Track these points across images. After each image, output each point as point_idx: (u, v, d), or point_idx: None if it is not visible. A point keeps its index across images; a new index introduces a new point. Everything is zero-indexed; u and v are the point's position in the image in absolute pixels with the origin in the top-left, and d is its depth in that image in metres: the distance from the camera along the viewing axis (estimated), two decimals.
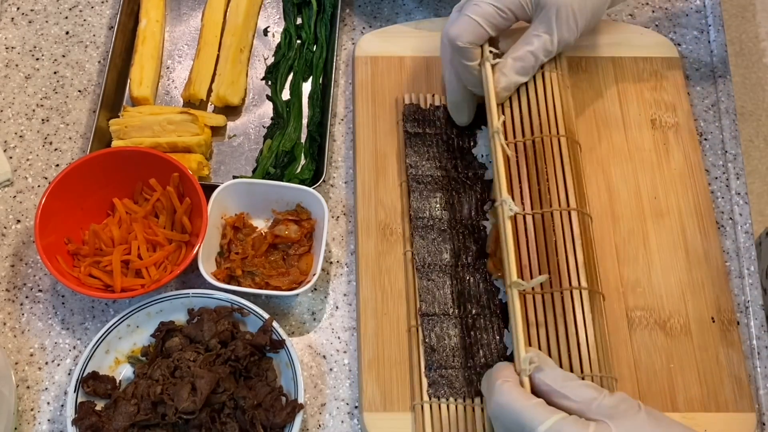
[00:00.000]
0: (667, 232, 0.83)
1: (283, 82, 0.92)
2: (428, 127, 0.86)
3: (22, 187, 0.87)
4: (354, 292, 0.82)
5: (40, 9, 0.96)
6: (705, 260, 0.82)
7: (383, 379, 0.76)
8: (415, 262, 0.80)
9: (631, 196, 0.84)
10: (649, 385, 0.76)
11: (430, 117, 0.86)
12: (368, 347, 0.77)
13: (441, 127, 0.86)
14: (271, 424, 0.71)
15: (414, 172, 0.84)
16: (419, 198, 0.82)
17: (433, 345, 0.76)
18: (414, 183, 0.83)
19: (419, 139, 0.85)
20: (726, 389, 0.76)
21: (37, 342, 0.80)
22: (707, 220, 0.83)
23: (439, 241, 0.80)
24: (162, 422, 0.71)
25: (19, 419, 0.76)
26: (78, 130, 0.90)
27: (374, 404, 0.75)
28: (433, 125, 0.86)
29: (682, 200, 0.84)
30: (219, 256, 0.81)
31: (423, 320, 0.77)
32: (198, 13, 0.96)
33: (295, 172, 0.86)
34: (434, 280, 0.79)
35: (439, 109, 0.87)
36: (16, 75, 0.92)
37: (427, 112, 0.86)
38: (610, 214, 0.83)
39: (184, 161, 0.82)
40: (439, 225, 0.81)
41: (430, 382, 0.75)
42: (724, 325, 0.79)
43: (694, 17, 0.96)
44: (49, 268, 0.75)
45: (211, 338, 0.75)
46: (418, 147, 0.85)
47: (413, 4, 0.97)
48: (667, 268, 0.81)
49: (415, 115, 0.86)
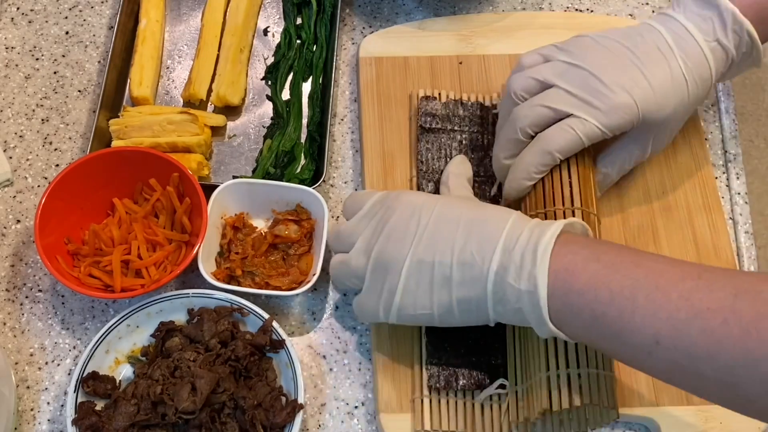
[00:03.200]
0: (676, 226, 0.83)
1: (283, 82, 0.92)
2: (443, 123, 0.85)
3: (22, 187, 0.87)
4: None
5: (40, 9, 0.96)
6: (714, 254, 0.82)
7: (398, 380, 0.76)
8: None
9: (639, 192, 0.84)
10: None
11: (446, 112, 0.86)
12: (383, 349, 0.77)
13: (457, 123, 0.86)
14: (271, 424, 0.71)
15: (424, 168, 0.83)
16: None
17: (435, 339, 0.76)
18: (423, 181, 0.83)
19: (433, 135, 0.85)
20: None
21: (37, 342, 0.80)
22: (716, 214, 0.83)
23: None
24: (162, 422, 0.71)
25: (19, 419, 0.76)
26: (78, 130, 0.90)
27: (390, 406, 0.75)
28: (449, 121, 0.86)
29: (690, 195, 0.84)
30: (219, 256, 0.81)
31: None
32: (198, 13, 0.96)
33: (295, 172, 0.86)
34: None
35: (457, 105, 0.86)
36: (16, 75, 0.92)
37: (444, 106, 0.86)
38: (619, 210, 0.83)
39: (184, 161, 0.82)
40: None
41: (430, 375, 0.75)
42: None
43: None
44: (49, 268, 0.75)
45: (211, 338, 0.75)
46: (431, 142, 0.84)
47: (413, 4, 0.97)
48: None
49: (431, 109, 0.86)
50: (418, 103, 0.86)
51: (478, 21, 0.94)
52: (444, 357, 0.75)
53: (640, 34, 0.76)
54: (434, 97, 0.87)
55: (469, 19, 0.94)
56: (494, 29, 0.93)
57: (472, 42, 0.92)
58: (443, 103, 0.86)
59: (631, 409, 0.75)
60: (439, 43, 0.92)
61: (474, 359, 0.75)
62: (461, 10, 0.96)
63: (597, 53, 0.75)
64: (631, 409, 0.75)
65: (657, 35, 0.75)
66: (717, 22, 0.75)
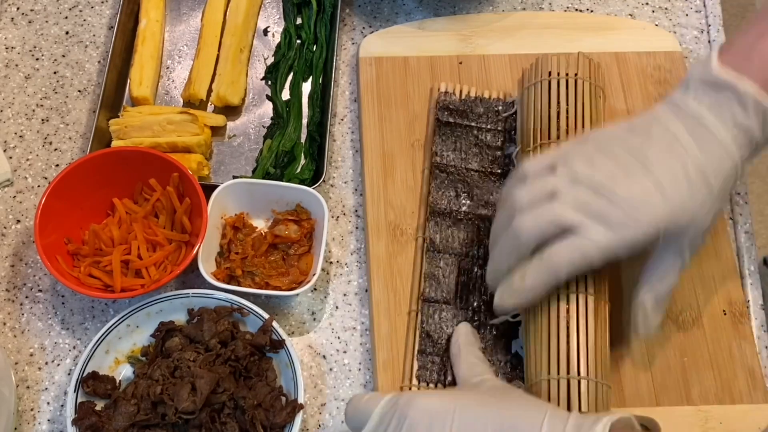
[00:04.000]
0: None
1: (283, 82, 0.92)
2: (459, 118, 0.85)
3: (22, 187, 0.87)
4: (354, 292, 0.82)
5: (40, 9, 0.96)
6: (715, 253, 0.82)
7: (399, 380, 0.76)
8: (425, 245, 0.80)
9: None
10: (663, 380, 0.76)
11: (464, 108, 0.86)
12: (383, 349, 0.77)
13: (474, 119, 0.86)
14: (271, 424, 0.71)
15: (438, 160, 0.83)
16: (440, 186, 0.82)
17: (430, 331, 0.76)
18: (437, 171, 0.83)
19: (449, 129, 0.85)
20: (740, 381, 0.76)
21: (37, 342, 0.80)
22: None
23: (453, 230, 0.80)
24: (162, 422, 0.71)
25: (19, 419, 0.76)
26: (78, 130, 0.90)
27: None
28: (466, 116, 0.86)
29: None
30: (219, 256, 0.81)
31: (424, 305, 0.77)
32: (198, 13, 0.96)
33: (295, 172, 0.86)
34: (441, 266, 0.79)
35: (476, 102, 0.86)
36: (16, 75, 0.92)
37: (462, 102, 0.86)
38: None
39: (184, 161, 0.82)
40: (455, 215, 0.81)
41: (420, 365, 0.75)
42: (736, 317, 0.79)
43: (694, 17, 0.96)
44: (49, 268, 0.75)
45: (211, 338, 0.74)
46: (446, 136, 0.85)
47: (413, 4, 0.97)
48: None
49: (449, 104, 0.86)
50: (438, 97, 0.86)
51: (478, 21, 0.94)
52: (437, 350, 0.75)
53: (648, 131, 0.68)
54: (453, 92, 0.87)
55: (469, 19, 0.94)
56: (494, 29, 0.93)
57: (472, 42, 0.92)
58: (462, 99, 0.86)
59: (631, 410, 0.75)
60: (439, 43, 0.92)
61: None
62: (461, 10, 0.96)
63: (605, 162, 0.67)
64: (631, 409, 0.75)
65: (667, 131, 0.67)
66: (735, 105, 0.66)
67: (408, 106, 0.88)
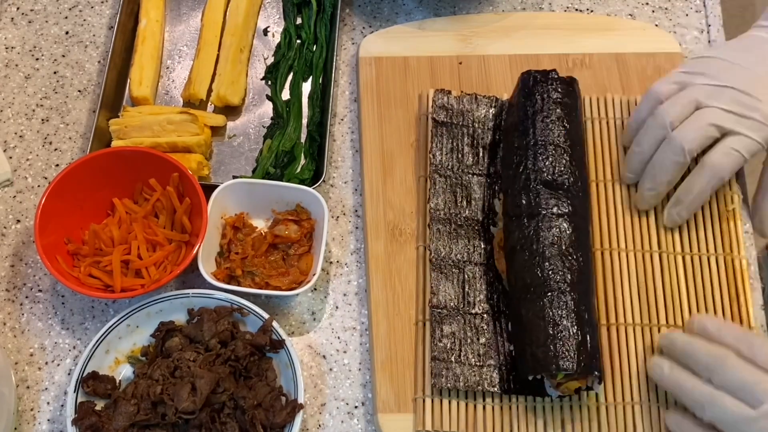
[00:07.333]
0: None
1: (283, 82, 0.92)
2: (456, 117, 0.85)
3: (22, 187, 0.87)
4: (354, 292, 0.82)
5: (40, 9, 0.96)
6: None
7: (396, 379, 0.76)
8: (429, 254, 0.79)
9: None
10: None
11: (460, 107, 0.86)
12: (381, 348, 0.77)
13: (470, 118, 0.85)
14: (271, 424, 0.71)
15: (436, 163, 0.83)
16: (438, 191, 0.82)
17: (440, 339, 0.76)
18: (436, 175, 0.83)
19: (445, 128, 0.85)
20: None
21: (37, 342, 0.80)
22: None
23: (454, 236, 0.80)
24: (162, 422, 0.71)
25: (19, 419, 0.76)
26: (78, 130, 0.90)
27: (388, 405, 0.75)
28: (462, 116, 0.86)
29: None
30: (219, 256, 0.81)
31: (432, 313, 0.77)
32: (198, 13, 0.96)
33: (295, 172, 0.86)
34: (446, 273, 0.79)
35: (471, 100, 0.86)
36: (16, 75, 0.92)
37: (457, 101, 0.86)
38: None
39: (184, 161, 0.82)
40: (455, 219, 0.81)
41: (434, 374, 0.74)
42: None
43: (694, 17, 0.96)
44: (49, 268, 0.75)
45: (211, 338, 0.75)
46: (443, 138, 0.84)
47: (413, 4, 0.97)
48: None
49: (444, 103, 0.86)
50: (433, 96, 0.86)
51: (478, 21, 0.94)
52: (448, 358, 0.75)
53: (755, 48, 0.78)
54: (449, 90, 0.87)
55: (469, 19, 0.94)
56: (494, 29, 0.93)
57: (472, 42, 0.92)
58: (456, 98, 0.86)
59: None
60: (439, 43, 0.92)
61: (479, 364, 0.75)
62: (461, 10, 0.96)
63: (732, 71, 0.77)
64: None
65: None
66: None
67: (408, 106, 0.88)
